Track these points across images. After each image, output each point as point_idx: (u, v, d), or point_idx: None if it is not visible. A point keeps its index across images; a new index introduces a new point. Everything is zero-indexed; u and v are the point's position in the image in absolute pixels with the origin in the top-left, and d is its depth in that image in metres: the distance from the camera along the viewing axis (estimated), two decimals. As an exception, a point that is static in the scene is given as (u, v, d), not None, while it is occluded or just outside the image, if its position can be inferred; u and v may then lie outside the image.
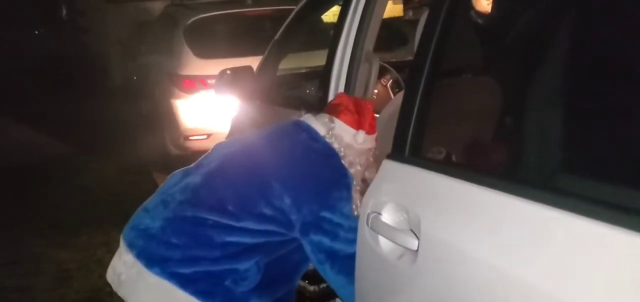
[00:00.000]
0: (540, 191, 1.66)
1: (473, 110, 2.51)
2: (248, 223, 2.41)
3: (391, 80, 4.03)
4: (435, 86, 2.22)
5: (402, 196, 2.15)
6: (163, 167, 7.45)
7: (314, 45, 5.91)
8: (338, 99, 2.73)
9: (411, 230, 2.01)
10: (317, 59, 4.60)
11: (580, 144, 1.78)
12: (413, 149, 2.17)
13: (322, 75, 3.32)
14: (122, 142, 9.21)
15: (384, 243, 2.14)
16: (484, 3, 3.05)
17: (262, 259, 2.49)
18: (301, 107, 2.82)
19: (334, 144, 2.57)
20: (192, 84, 7.45)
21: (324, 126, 2.60)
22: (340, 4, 3.39)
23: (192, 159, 2.74)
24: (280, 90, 4.61)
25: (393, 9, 10.08)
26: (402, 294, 2.08)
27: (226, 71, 4.60)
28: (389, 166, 2.25)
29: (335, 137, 2.58)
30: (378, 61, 3.20)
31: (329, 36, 3.62)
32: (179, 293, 2.37)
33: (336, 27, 3.28)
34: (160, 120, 8.15)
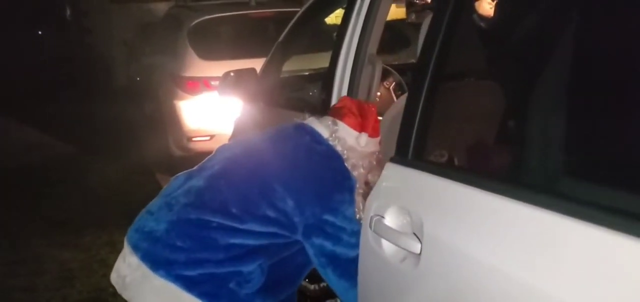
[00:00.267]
0: (543, 195, 1.66)
1: (476, 114, 2.52)
2: (252, 225, 2.42)
3: (394, 83, 4.04)
4: (438, 89, 2.22)
5: (405, 199, 2.16)
6: (166, 168, 7.47)
7: (317, 48, 5.91)
8: (341, 102, 2.74)
9: (414, 233, 2.02)
10: (321, 61, 4.61)
11: (583, 148, 1.79)
12: (416, 152, 2.17)
13: (325, 78, 3.33)
14: (126, 143, 9.22)
15: (387, 246, 2.14)
16: (486, 7, 3.04)
17: (266, 261, 2.49)
18: (304, 109, 2.82)
19: (337, 147, 2.58)
20: (196, 85, 7.46)
21: (327, 129, 2.61)
22: (343, 6, 3.40)
23: (195, 160, 2.75)
24: (283, 93, 4.62)
25: (396, 11, 10.07)
26: (405, 297, 2.08)
27: (230, 73, 4.61)
28: (392, 169, 2.26)
29: (338, 139, 2.59)
30: (381, 64, 3.21)
31: (332, 39, 3.63)
32: (184, 296, 2.38)
33: (339, 29, 3.29)
34: (163, 121, 8.17)
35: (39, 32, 15.25)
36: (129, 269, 2.48)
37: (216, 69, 6.30)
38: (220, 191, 2.48)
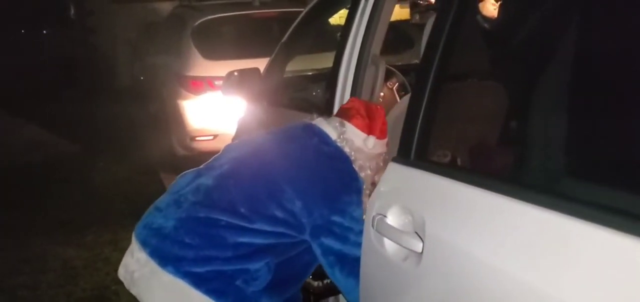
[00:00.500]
0: (545, 195, 1.67)
1: (478, 114, 2.52)
2: (260, 225, 2.44)
3: (397, 84, 4.04)
4: (441, 90, 2.23)
5: (407, 198, 2.16)
6: (170, 167, 7.49)
7: (320, 48, 5.92)
8: (350, 103, 2.76)
9: (416, 232, 2.02)
10: (324, 61, 4.61)
11: (586, 148, 1.79)
12: (419, 152, 2.18)
13: (329, 78, 3.33)
14: (129, 142, 9.24)
15: (389, 245, 2.15)
16: (490, 8, 3.05)
17: (273, 260, 2.50)
18: (309, 109, 2.83)
19: (345, 148, 2.60)
20: (199, 85, 7.47)
21: (335, 130, 2.63)
22: (347, 7, 3.40)
23: (199, 160, 2.76)
24: (287, 92, 4.62)
25: (400, 12, 10.08)
26: (407, 296, 2.08)
27: (233, 73, 4.62)
28: (394, 169, 2.26)
29: (346, 141, 2.61)
30: (384, 64, 3.21)
31: (336, 39, 3.64)
32: (192, 292, 2.40)
33: (343, 29, 3.29)
34: (167, 120, 8.18)
35: (44, 31, 15.28)
36: (138, 265, 2.49)
37: (220, 68, 6.31)
38: (229, 190, 2.49)
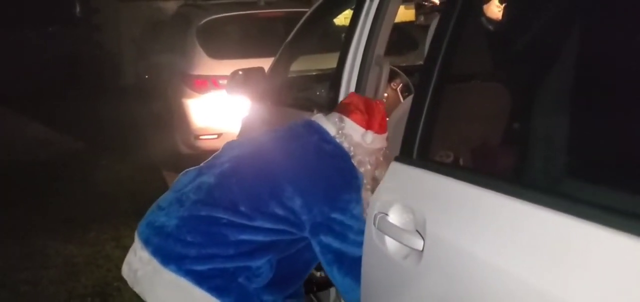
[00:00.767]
0: (547, 195, 1.67)
1: (481, 115, 2.53)
2: (261, 222, 2.45)
3: (401, 84, 4.05)
4: (444, 91, 2.24)
5: (409, 197, 2.17)
6: (173, 165, 7.49)
7: (325, 48, 5.92)
8: (348, 99, 2.77)
9: (417, 231, 2.03)
10: (329, 61, 4.62)
11: (588, 149, 1.79)
12: (421, 151, 2.19)
13: (333, 78, 3.34)
14: (133, 140, 9.25)
15: (390, 243, 2.16)
16: (495, 10, 3.05)
17: (275, 257, 2.52)
18: (313, 107, 2.84)
19: (344, 144, 2.62)
20: (204, 83, 7.48)
21: (335, 126, 2.64)
22: (352, 7, 3.41)
23: (202, 158, 2.77)
24: (291, 92, 4.63)
25: (405, 13, 10.09)
26: (407, 294, 2.09)
27: (238, 72, 4.63)
28: (396, 168, 2.27)
29: (345, 136, 2.62)
30: (388, 65, 3.21)
31: (341, 39, 3.64)
32: (195, 290, 2.42)
33: (348, 30, 3.29)
34: (171, 119, 8.19)
35: (49, 29, 15.29)
36: (141, 263, 2.51)
37: (224, 67, 6.32)
38: (231, 189, 2.51)
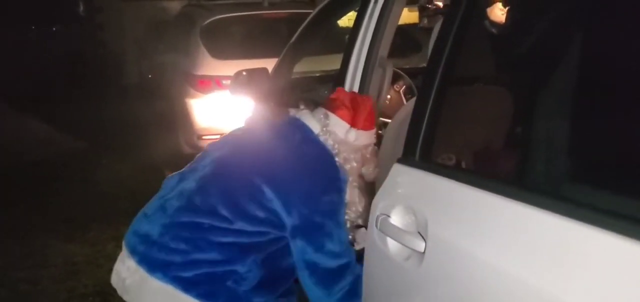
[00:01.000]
0: (548, 198, 1.67)
1: (483, 118, 2.53)
2: (242, 225, 2.44)
3: (404, 87, 4.05)
4: (447, 93, 2.24)
5: (411, 199, 2.17)
6: (175, 165, 7.41)
7: (329, 49, 5.92)
8: (335, 94, 2.74)
9: (418, 232, 2.03)
10: (332, 63, 4.62)
11: (590, 152, 1.79)
12: (423, 153, 2.19)
13: (337, 79, 3.33)
14: (135, 140, 9.24)
15: (392, 244, 2.16)
16: (498, 13, 3.05)
17: (260, 257, 2.50)
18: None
19: (328, 141, 2.59)
20: (207, 84, 7.47)
21: (319, 122, 2.63)
22: (356, 9, 3.41)
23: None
24: (294, 93, 4.63)
25: (408, 16, 10.08)
26: (409, 294, 2.10)
27: (242, 72, 4.63)
28: (399, 170, 2.27)
29: (329, 133, 2.60)
30: (392, 67, 3.21)
31: (344, 41, 3.64)
32: (182, 297, 2.41)
33: (352, 32, 3.29)
34: (174, 119, 8.18)
35: (53, 28, 15.30)
36: (128, 272, 2.51)
37: (228, 68, 6.31)
38: (210, 193, 2.49)
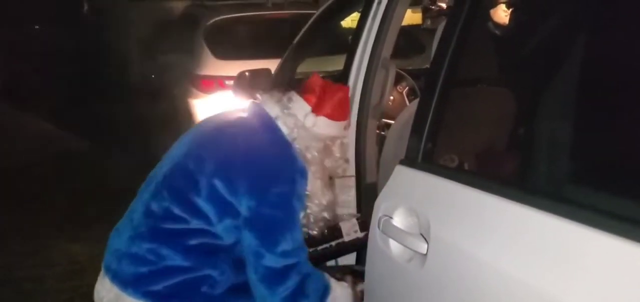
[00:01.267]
0: (551, 200, 1.68)
1: (486, 119, 2.53)
2: (199, 223, 2.38)
3: (407, 88, 4.06)
4: (450, 94, 2.24)
5: (414, 200, 2.17)
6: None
7: (332, 50, 5.92)
8: (310, 78, 2.64)
9: (421, 234, 2.04)
10: (335, 63, 4.62)
11: (593, 154, 1.79)
12: (426, 155, 2.19)
13: (339, 80, 3.34)
14: (139, 139, 9.23)
15: (394, 246, 2.16)
16: (502, 14, 3.05)
17: (231, 258, 2.44)
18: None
19: (285, 127, 2.49)
20: (210, 84, 7.46)
21: (278, 105, 2.53)
22: (359, 10, 3.41)
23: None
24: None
25: (412, 17, 10.06)
26: (411, 297, 2.10)
27: (245, 73, 4.63)
28: (401, 171, 2.27)
29: (289, 116, 2.50)
30: (395, 68, 3.21)
31: (347, 41, 3.64)
32: None
33: (355, 33, 3.29)
34: (177, 119, 8.17)
35: (56, 27, 15.31)
36: (105, 291, 2.48)
37: (231, 68, 6.30)
38: (163, 196, 2.43)
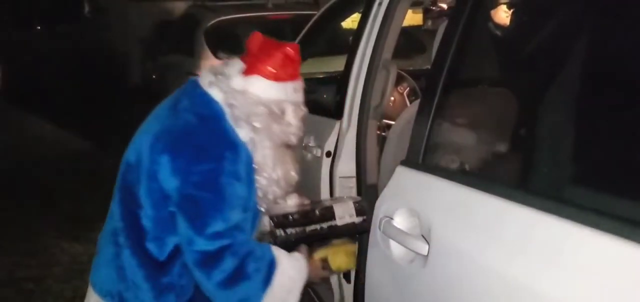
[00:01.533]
0: (552, 201, 1.68)
1: (487, 120, 2.53)
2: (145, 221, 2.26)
3: (408, 88, 4.05)
4: (451, 95, 2.24)
5: (415, 201, 2.17)
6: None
7: (333, 51, 5.92)
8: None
9: (422, 235, 2.04)
10: (336, 64, 4.62)
11: (594, 156, 1.80)
12: (426, 156, 2.19)
13: (340, 81, 3.34)
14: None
15: (395, 247, 2.16)
16: (502, 15, 3.05)
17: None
18: (323, 113, 2.64)
19: (220, 93, 2.21)
20: (211, 84, 7.47)
21: (213, 71, 2.26)
22: (360, 11, 3.41)
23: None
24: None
25: (412, 17, 10.06)
26: (412, 298, 2.10)
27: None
28: (402, 172, 2.27)
29: (223, 80, 2.22)
30: (396, 69, 3.21)
31: (348, 42, 3.64)
32: None
33: (355, 33, 3.29)
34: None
35: (57, 28, 15.31)
36: None
37: (232, 69, 6.31)
38: (115, 200, 2.43)
